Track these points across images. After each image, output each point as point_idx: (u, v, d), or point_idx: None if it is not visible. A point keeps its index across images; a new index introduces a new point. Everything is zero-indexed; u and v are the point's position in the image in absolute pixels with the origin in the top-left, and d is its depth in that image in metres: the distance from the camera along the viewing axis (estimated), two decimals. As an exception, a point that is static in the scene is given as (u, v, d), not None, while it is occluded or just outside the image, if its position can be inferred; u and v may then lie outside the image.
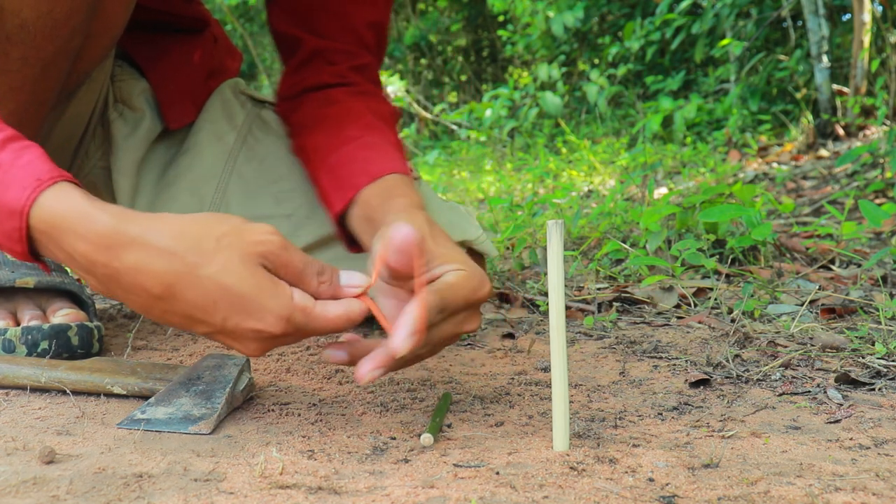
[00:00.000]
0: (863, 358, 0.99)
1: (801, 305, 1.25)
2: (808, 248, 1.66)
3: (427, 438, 0.71)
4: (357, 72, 1.08)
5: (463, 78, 7.78)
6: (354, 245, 0.95)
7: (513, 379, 0.94)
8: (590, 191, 3.28)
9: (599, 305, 1.35)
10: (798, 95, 4.40)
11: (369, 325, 1.23)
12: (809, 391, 0.88)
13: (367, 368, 0.68)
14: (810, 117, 3.92)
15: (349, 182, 0.92)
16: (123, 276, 0.65)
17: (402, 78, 7.01)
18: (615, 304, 1.35)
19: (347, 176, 0.93)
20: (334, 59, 1.07)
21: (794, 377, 0.93)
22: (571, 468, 0.65)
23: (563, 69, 6.04)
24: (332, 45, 1.07)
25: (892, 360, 0.97)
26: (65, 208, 0.67)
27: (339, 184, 0.94)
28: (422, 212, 0.83)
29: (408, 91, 6.67)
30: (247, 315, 0.65)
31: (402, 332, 0.67)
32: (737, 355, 1.02)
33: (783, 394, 0.88)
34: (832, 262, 1.61)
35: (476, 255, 1.18)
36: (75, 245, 0.66)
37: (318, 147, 1.01)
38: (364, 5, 1.07)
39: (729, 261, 1.57)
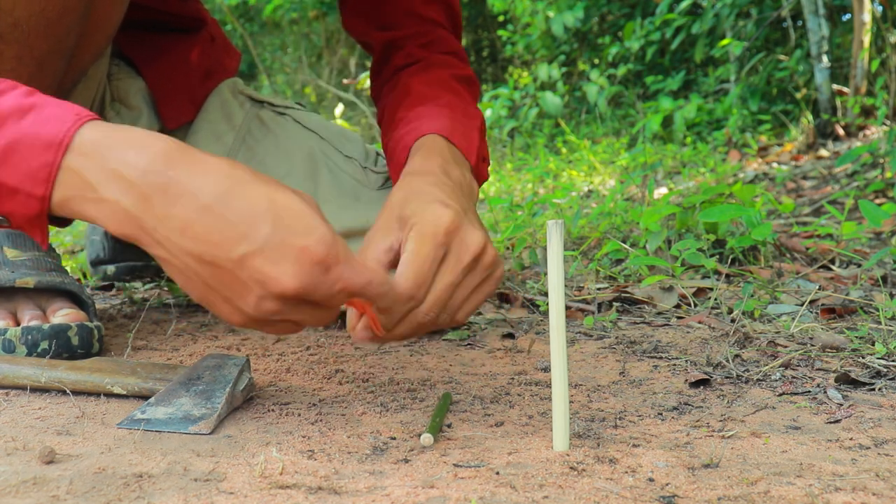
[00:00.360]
0: (863, 358, 0.99)
1: (801, 305, 1.25)
2: (808, 248, 1.66)
3: (427, 438, 0.71)
4: (425, 48, 1.09)
5: (463, 78, 7.77)
6: None
7: (513, 379, 0.94)
8: (590, 191, 3.28)
9: (599, 305, 1.35)
10: (798, 95, 4.40)
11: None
12: (809, 391, 0.88)
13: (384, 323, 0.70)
14: (810, 117, 3.92)
15: (398, 163, 0.94)
16: (174, 184, 0.62)
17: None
18: (615, 304, 1.35)
19: (396, 159, 0.95)
20: (404, 43, 1.09)
21: (794, 377, 0.93)
22: (571, 468, 0.65)
23: (563, 69, 6.04)
24: (399, 33, 1.10)
25: (892, 360, 0.97)
26: (116, 128, 0.65)
27: (394, 169, 0.97)
28: (411, 178, 0.83)
29: (408, 91, 6.66)
30: (293, 231, 0.61)
31: (405, 271, 0.70)
32: (737, 355, 1.02)
33: (783, 394, 0.87)
34: (832, 262, 1.61)
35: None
36: (127, 156, 0.62)
37: (385, 133, 1.04)
38: None
39: (729, 261, 1.57)
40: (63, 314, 1.03)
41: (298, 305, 0.64)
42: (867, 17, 3.85)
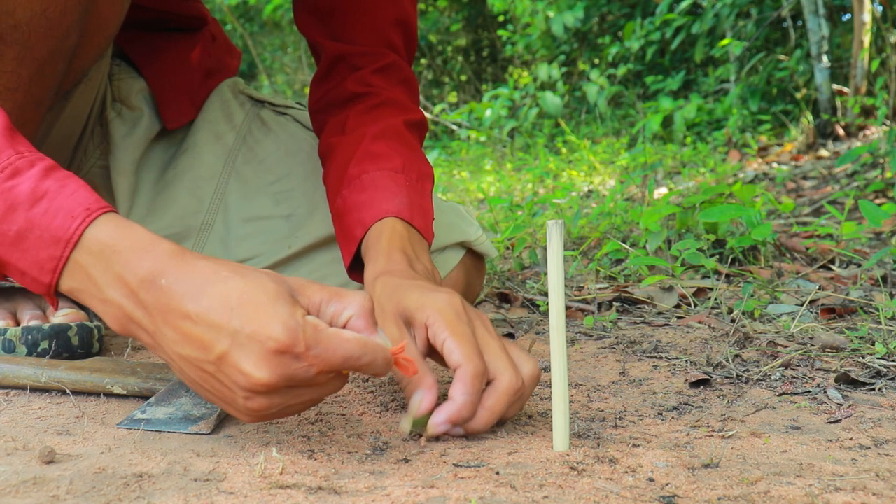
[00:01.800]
0: (863, 358, 0.99)
1: (801, 305, 1.25)
2: (808, 248, 1.66)
3: (405, 425, 0.71)
4: (381, 74, 1.06)
5: (463, 78, 7.78)
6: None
7: (513, 379, 0.94)
8: (590, 191, 3.28)
9: (599, 305, 1.35)
10: (798, 95, 4.41)
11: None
12: (809, 391, 0.88)
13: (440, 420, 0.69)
14: (810, 117, 3.92)
15: (351, 235, 0.93)
16: (165, 294, 0.63)
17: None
18: (615, 304, 1.35)
19: (349, 228, 0.94)
20: (358, 62, 1.06)
21: (794, 377, 0.93)
22: (571, 468, 0.65)
23: (563, 69, 6.04)
24: (354, 48, 1.06)
25: (892, 360, 0.97)
26: (124, 228, 0.65)
27: (344, 237, 0.95)
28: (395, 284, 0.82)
29: (408, 91, 6.66)
30: (257, 322, 0.61)
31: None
32: (737, 355, 1.02)
33: (783, 394, 0.88)
34: (832, 262, 1.61)
35: (476, 255, 1.18)
36: (130, 262, 0.64)
37: (328, 181, 1.01)
38: (386, 2, 1.06)
39: (729, 261, 1.57)
40: (63, 314, 1.03)
41: (290, 391, 0.63)
42: (867, 17, 3.85)
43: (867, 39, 3.86)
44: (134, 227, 0.66)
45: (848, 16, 4.70)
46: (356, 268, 0.94)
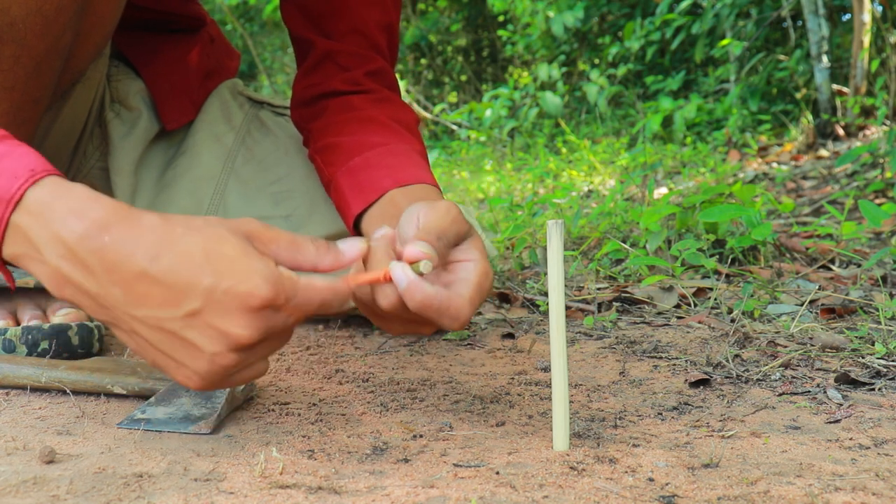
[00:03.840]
0: (863, 358, 0.99)
1: (801, 305, 1.25)
2: (808, 248, 1.66)
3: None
4: (372, 78, 1.05)
5: (463, 78, 7.78)
6: None
7: (513, 379, 0.94)
8: (590, 191, 3.28)
9: (599, 305, 1.35)
10: (798, 95, 4.41)
11: (370, 322, 1.23)
12: (809, 391, 0.88)
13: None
14: (810, 117, 3.92)
15: (374, 185, 0.90)
16: (109, 251, 0.60)
17: (402, 78, 7.01)
18: (615, 304, 1.35)
19: (372, 179, 0.91)
20: (347, 63, 1.05)
21: (794, 377, 0.93)
22: (571, 468, 0.65)
23: (563, 69, 6.04)
24: (342, 47, 1.05)
25: (892, 360, 0.97)
26: (65, 189, 0.63)
27: (360, 186, 0.92)
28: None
29: (408, 91, 6.67)
30: (234, 277, 0.59)
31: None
32: (737, 355, 1.02)
33: (783, 394, 0.88)
34: (832, 262, 1.61)
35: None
36: (67, 221, 0.61)
37: (340, 149, 0.98)
38: (373, 6, 1.05)
39: (729, 261, 1.57)
40: (63, 314, 1.03)
41: (262, 345, 0.63)
42: (867, 17, 3.85)
43: (867, 39, 3.86)
44: (77, 186, 0.63)
45: (848, 16, 4.70)
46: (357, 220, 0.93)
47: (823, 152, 3.60)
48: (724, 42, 4.69)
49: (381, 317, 0.73)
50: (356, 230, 0.93)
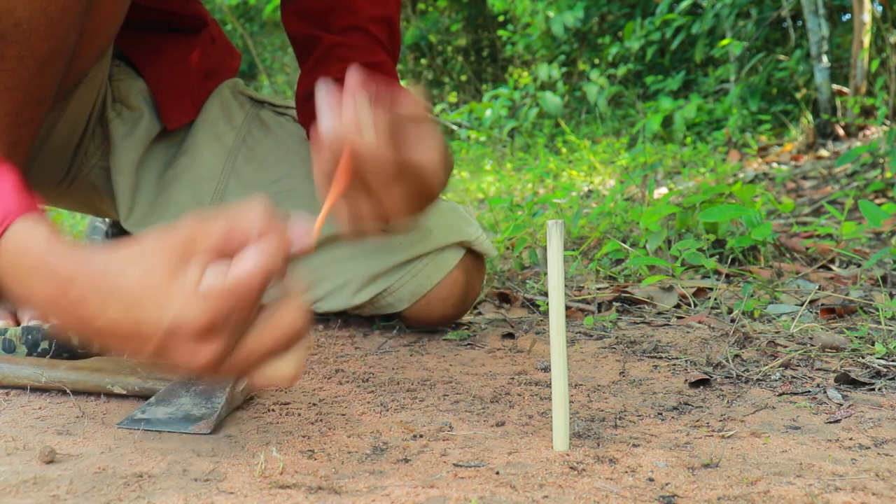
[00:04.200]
0: (863, 358, 0.99)
1: (801, 305, 1.25)
2: (808, 248, 1.66)
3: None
4: (371, 68, 1.07)
5: (463, 78, 7.78)
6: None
7: (513, 379, 0.94)
8: (590, 191, 3.28)
9: (599, 305, 1.35)
10: (798, 95, 4.41)
11: (370, 322, 1.23)
12: (809, 391, 0.88)
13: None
14: (810, 117, 3.92)
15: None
16: (77, 310, 0.61)
17: (402, 78, 7.00)
18: (615, 304, 1.35)
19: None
20: (347, 55, 1.06)
21: (794, 377, 0.93)
22: (571, 468, 0.65)
23: (563, 69, 6.04)
24: (344, 40, 1.07)
25: (892, 360, 0.97)
26: (32, 241, 0.63)
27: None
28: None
29: (408, 91, 6.66)
30: (169, 311, 0.58)
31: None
32: (737, 355, 1.02)
33: (783, 394, 0.88)
34: (832, 262, 1.61)
35: (476, 255, 1.18)
36: (34, 286, 0.62)
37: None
38: (372, 3, 1.07)
39: (729, 261, 1.57)
40: (63, 314, 1.03)
41: (223, 333, 0.60)
42: (867, 17, 3.85)
43: (867, 39, 3.86)
44: (35, 240, 0.63)
45: (848, 16, 4.70)
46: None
47: (823, 152, 3.60)
48: (724, 42, 4.69)
49: (376, 189, 0.73)
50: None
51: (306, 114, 1.09)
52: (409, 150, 0.75)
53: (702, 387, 0.91)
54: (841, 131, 3.82)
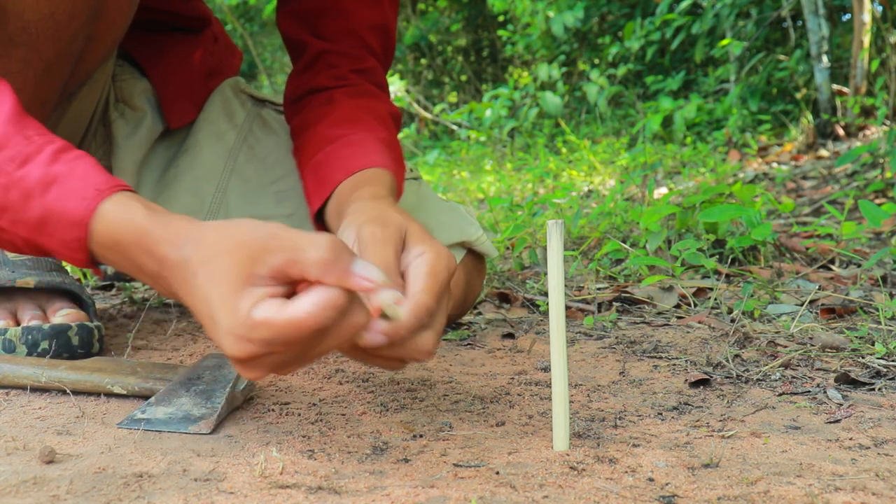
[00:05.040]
0: (863, 358, 0.99)
1: (801, 305, 1.25)
2: (808, 248, 1.66)
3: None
4: (359, 74, 1.07)
5: (463, 78, 7.78)
6: None
7: (513, 379, 0.94)
8: (590, 191, 3.28)
9: (599, 305, 1.35)
10: (798, 95, 4.41)
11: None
12: (809, 391, 0.88)
13: (372, 332, 0.65)
14: (810, 117, 3.92)
15: (328, 179, 0.92)
16: (170, 288, 0.66)
17: (402, 78, 7.01)
18: (615, 304, 1.35)
19: (327, 173, 0.93)
20: (336, 61, 1.07)
21: (794, 377, 0.93)
22: (571, 468, 0.65)
23: (563, 69, 6.04)
24: (334, 47, 1.07)
25: (892, 360, 0.97)
26: (126, 224, 0.66)
27: (319, 182, 0.94)
28: (376, 202, 0.81)
29: (408, 91, 6.67)
30: (216, 334, 0.61)
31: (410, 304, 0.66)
32: (737, 355, 1.02)
33: (783, 394, 0.88)
34: (832, 262, 1.61)
35: (476, 255, 1.18)
36: (140, 260, 0.67)
37: (307, 146, 1.01)
38: (368, 7, 1.07)
39: (729, 261, 1.57)
40: (63, 314, 1.03)
41: (264, 359, 0.62)
42: (867, 17, 3.85)
43: (867, 39, 3.86)
44: (132, 215, 0.67)
45: (848, 16, 4.70)
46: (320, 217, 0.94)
47: (823, 152, 3.60)
48: (724, 42, 4.69)
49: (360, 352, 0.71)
50: (322, 227, 0.94)
51: (291, 114, 1.11)
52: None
53: (702, 387, 0.91)
54: (841, 131, 3.83)
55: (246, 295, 0.60)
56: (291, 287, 0.62)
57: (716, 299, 1.30)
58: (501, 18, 7.07)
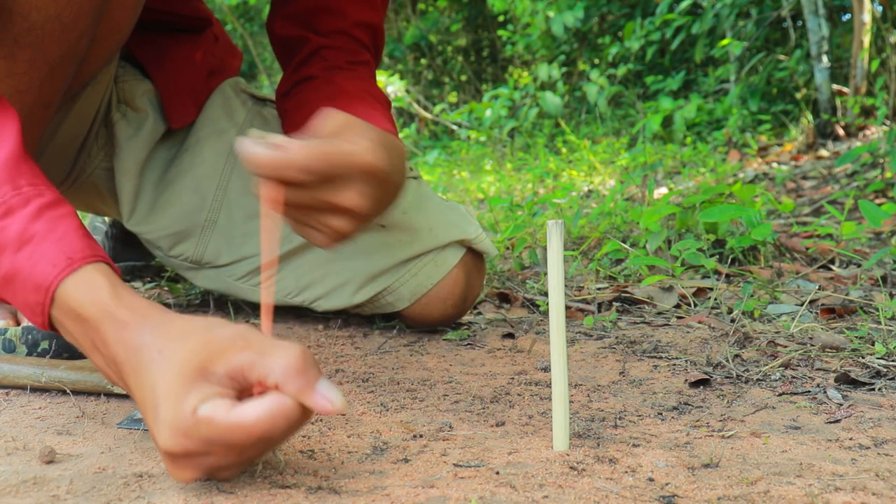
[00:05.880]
0: (863, 358, 0.99)
1: (801, 305, 1.25)
2: (808, 248, 1.66)
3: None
4: (353, 66, 1.08)
5: (463, 78, 7.78)
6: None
7: (513, 379, 0.94)
8: (590, 191, 3.28)
9: (599, 305, 1.35)
10: (798, 95, 4.40)
11: (370, 322, 1.23)
12: (809, 391, 0.88)
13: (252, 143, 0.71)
14: (810, 117, 3.92)
15: (311, 107, 0.94)
16: (118, 369, 0.64)
17: (402, 78, 7.00)
18: (615, 304, 1.35)
19: (312, 107, 0.93)
20: (332, 56, 1.07)
21: (794, 377, 0.93)
22: (571, 468, 0.65)
23: (563, 69, 6.04)
24: (330, 42, 1.07)
25: (892, 360, 0.97)
26: (91, 301, 0.64)
27: (300, 111, 0.97)
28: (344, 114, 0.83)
29: (408, 91, 6.67)
30: (155, 425, 0.59)
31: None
32: (737, 355, 1.02)
33: (783, 394, 0.88)
34: (832, 262, 1.61)
35: (476, 254, 1.18)
36: (95, 338, 0.65)
37: (301, 114, 1.00)
38: (363, 6, 1.07)
39: (729, 261, 1.57)
40: (63, 314, 1.02)
41: (198, 459, 0.59)
42: (867, 17, 3.85)
43: (867, 39, 3.86)
44: (98, 294, 0.65)
45: (848, 16, 4.70)
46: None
47: (823, 152, 3.60)
48: (724, 42, 4.69)
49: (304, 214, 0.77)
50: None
51: (280, 109, 1.12)
52: (334, 145, 0.77)
53: (702, 387, 0.91)
54: (841, 131, 3.82)
55: (196, 389, 0.58)
56: (244, 394, 0.60)
57: (716, 299, 1.30)
58: (501, 18, 7.06)
